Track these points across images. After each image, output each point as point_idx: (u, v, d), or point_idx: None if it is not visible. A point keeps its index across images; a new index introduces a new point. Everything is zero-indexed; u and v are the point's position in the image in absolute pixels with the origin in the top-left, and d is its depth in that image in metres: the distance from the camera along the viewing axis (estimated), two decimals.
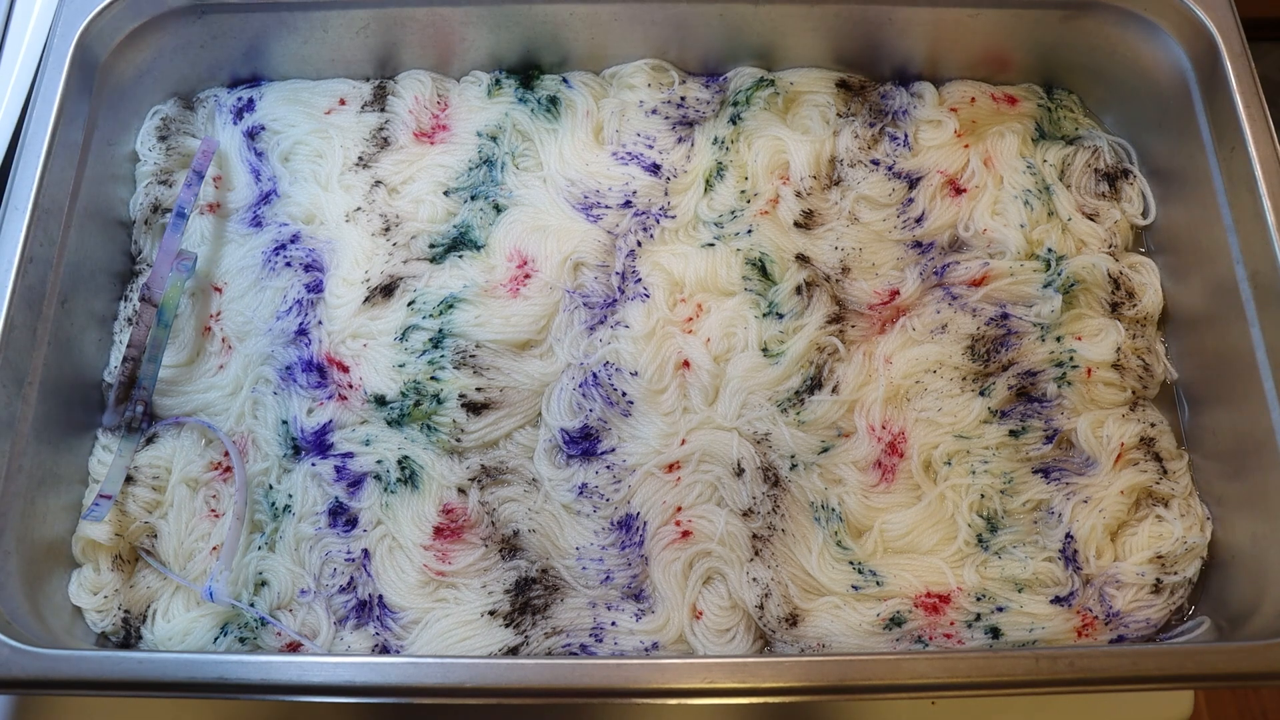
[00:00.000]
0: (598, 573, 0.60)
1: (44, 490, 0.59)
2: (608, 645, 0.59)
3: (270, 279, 0.67)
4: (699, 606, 0.60)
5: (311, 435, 0.63)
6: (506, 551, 0.61)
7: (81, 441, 0.63)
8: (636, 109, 0.72)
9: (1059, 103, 0.74)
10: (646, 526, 0.61)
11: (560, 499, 0.62)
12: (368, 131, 0.72)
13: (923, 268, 0.68)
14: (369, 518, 0.62)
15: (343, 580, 0.60)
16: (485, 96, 0.73)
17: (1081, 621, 0.60)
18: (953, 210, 0.70)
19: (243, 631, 0.59)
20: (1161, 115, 0.69)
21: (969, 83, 0.74)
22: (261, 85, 0.73)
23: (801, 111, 0.73)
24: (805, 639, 0.59)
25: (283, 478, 0.63)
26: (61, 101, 0.63)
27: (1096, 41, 0.70)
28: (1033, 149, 0.72)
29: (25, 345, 0.59)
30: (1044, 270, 0.68)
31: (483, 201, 0.70)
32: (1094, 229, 0.70)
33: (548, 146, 0.71)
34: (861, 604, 0.60)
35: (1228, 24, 0.65)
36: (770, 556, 0.61)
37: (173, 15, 0.68)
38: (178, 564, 0.61)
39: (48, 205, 0.61)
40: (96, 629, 0.60)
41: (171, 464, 0.63)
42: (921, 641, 0.59)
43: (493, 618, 0.59)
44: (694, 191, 0.70)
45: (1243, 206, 0.62)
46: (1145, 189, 0.71)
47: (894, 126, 0.72)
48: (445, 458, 0.63)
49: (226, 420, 0.64)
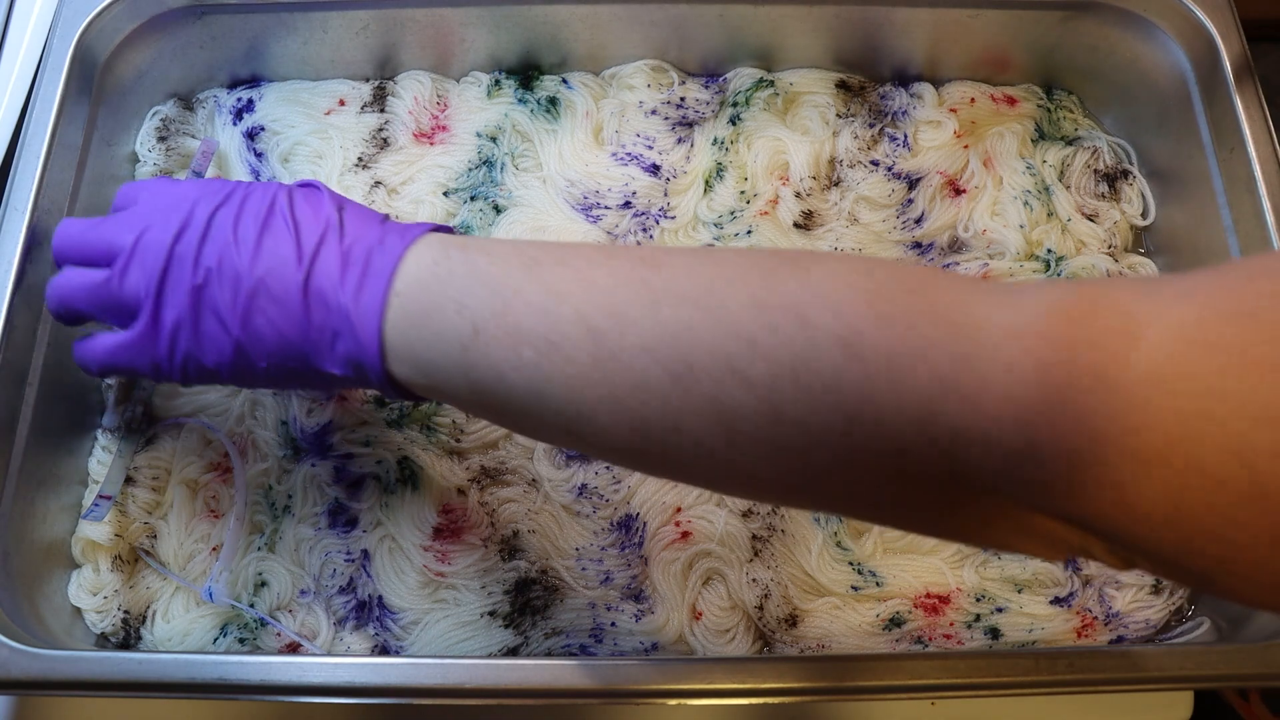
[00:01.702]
0: (597, 573, 0.60)
1: (43, 491, 0.59)
2: (608, 645, 0.59)
3: None
4: (699, 607, 0.60)
5: (311, 436, 0.63)
6: (506, 552, 0.61)
7: (81, 442, 0.63)
8: (636, 110, 0.72)
9: (1058, 103, 0.74)
10: (646, 527, 0.61)
11: (560, 500, 0.62)
12: (367, 132, 0.72)
13: None
14: (369, 518, 0.62)
15: (342, 581, 0.60)
16: (485, 97, 0.73)
17: (1081, 622, 0.60)
18: (952, 211, 0.70)
19: (242, 632, 0.59)
20: (1161, 116, 0.69)
21: (968, 83, 0.74)
22: (261, 86, 0.73)
23: (801, 112, 0.73)
24: (805, 639, 0.59)
25: (282, 478, 0.63)
26: (61, 102, 0.63)
27: (1096, 42, 0.70)
28: (1032, 150, 0.72)
29: (25, 346, 0.59)
30: (1043, 271, 0.68)
31: (482, 202, 0.70)
32: (1093, 229, 0.70)
33: (547, 147, 0.71)
34: (861, 604, 0.60)
35: (1227, 25, 0.65)
36: (770, 557, 0.61)
37: (172, 16, 0.68)
38: (177, 565, 0.61)
39: (47, 206, 0.61)
40: (96, 630, 0.60)
41: (171, 465, 0.63)
42: (921, 642, 0.59)
43: (492, 618, 0.59)
44: (694, 192, 0.70)
45: (1242, 207, 0.62)
46: (1145, 190, 0.71)
47: (893, 127, 0.72)
48: (445, 458, 0.63)
49: (226, 421, 0.64)
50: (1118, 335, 0.27)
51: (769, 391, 0.32)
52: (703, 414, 0.33)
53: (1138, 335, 0.27)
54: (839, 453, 0.32)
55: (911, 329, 0.30)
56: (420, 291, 0.39)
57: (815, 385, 0.31)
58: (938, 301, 0.31)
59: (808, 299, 0.32)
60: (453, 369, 0.39)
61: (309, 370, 0.43)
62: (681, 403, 0.33)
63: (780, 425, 0.32)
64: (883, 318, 0.31)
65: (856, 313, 0.31)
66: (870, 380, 0.30)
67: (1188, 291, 0.28)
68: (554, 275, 0.37)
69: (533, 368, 0.36)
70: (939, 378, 0.29)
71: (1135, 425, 0.26)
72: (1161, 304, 0.28)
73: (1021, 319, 0.29)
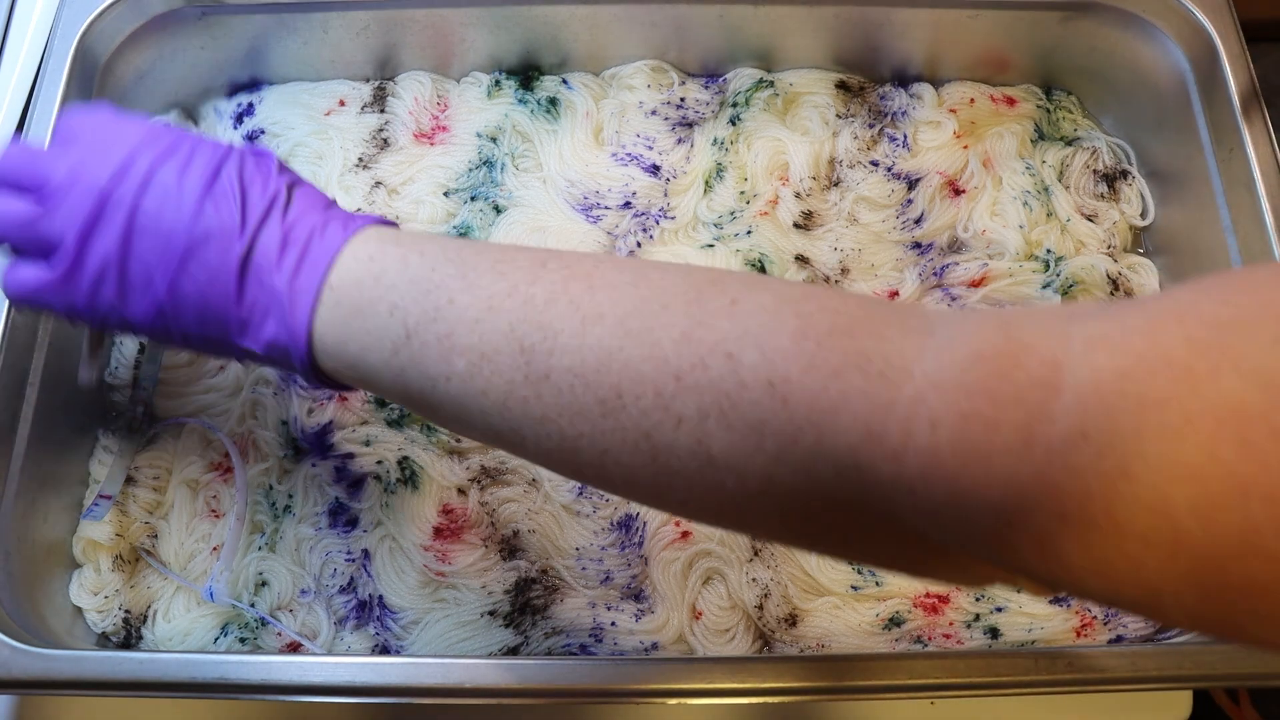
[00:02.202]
0: (597, 573, 0.60)
1: (45, 491, 0.59)
2: (607, 645, 0.59)
3: None
4: (699, 606, 0.60)
5: (312, 436, 0.63)
6: (506, 552, 0.61)
7: (82, 442, 0.63)
8: (636, 110, 0.72)
9: (1058, 104, 0.74)
10: (646, 527, 0.61)
11: (560, 499, 0.62)
12: (367, 133, 0.72)
13: (922, 269, 0.68)
14: (369, 518, 0.62)
15: (343, 581, 0.61)
16: (485, 97, 0.73)
17: (1080, 621, 0.60)
18: (952, 211, 0.70)
19: (243, 632, 0.60)
20: (1160, 117, 0.69)
21: (968, 84, 0.74)
22: (262, 89, 0.73)
23: (801, 112, 0.73)
24: (805, 639, 0.59)
25: (283, 478, 0.63)
26: (62, 103, 0.63)
27: (1095, 43, 0.70)
28: (1031, 150, 0.72)
29: (26, 346, 0.59)
30: (1043, 271, 0.68)
31: (483, 202, 0.70)
32: (1093, 230, 0.70)
33: (547, 147, 0.71)
34: (861, 604, 0.60)
35: (1226, 26, 0.65)
36: (770, 557, 0.61)
37: (173, 17, 0.68)
38: (178, 564, 0.61)
39: None
40: (97, 629, 0.60)
41: (172, 465, 0.63)
42: (921, 641, 0.59)
43: (492, 618, 0.59)
44: (693, 192, 0.70)
45: (1241, 208, 0.62)
46: (1144, 190, 0.71)
47: (893, 127, 0.72)
48: (445, 458, 0.63)
49: (227, 421, 0.64)
50: (1040, 387, 0.27)
51: (697, 429, 0.32)
52: (631, 445, 0.33)
53: (1059, 387, 0.27)
54: (766, 492, 0.32)
55: (836, 376, 0.30)
56: (354, 288, 0.39)
57: (741, 426, 0.31)
58: (865, 345, 0.31)
59: (736, 334, 0.32)
60: (382, 368, 0.38)
61: (227, 343, 0.42)
62: (611, 431, 0.33)
63: (710, 465, 0.32)
64: (809, 362, 0.31)
65: (784, 354, 0.31)
66: (796, 425, 0.30)
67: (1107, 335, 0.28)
68: (489, 286, 0.36)
69: (464, 379, 0.36)
70: (863, 428, 0.29)
71: (1057, 483, 0.26)
72: (1082, 348, 0.27)
73: (945, 369, 0.29)
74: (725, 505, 0.34)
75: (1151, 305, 0.28)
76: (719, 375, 0.32)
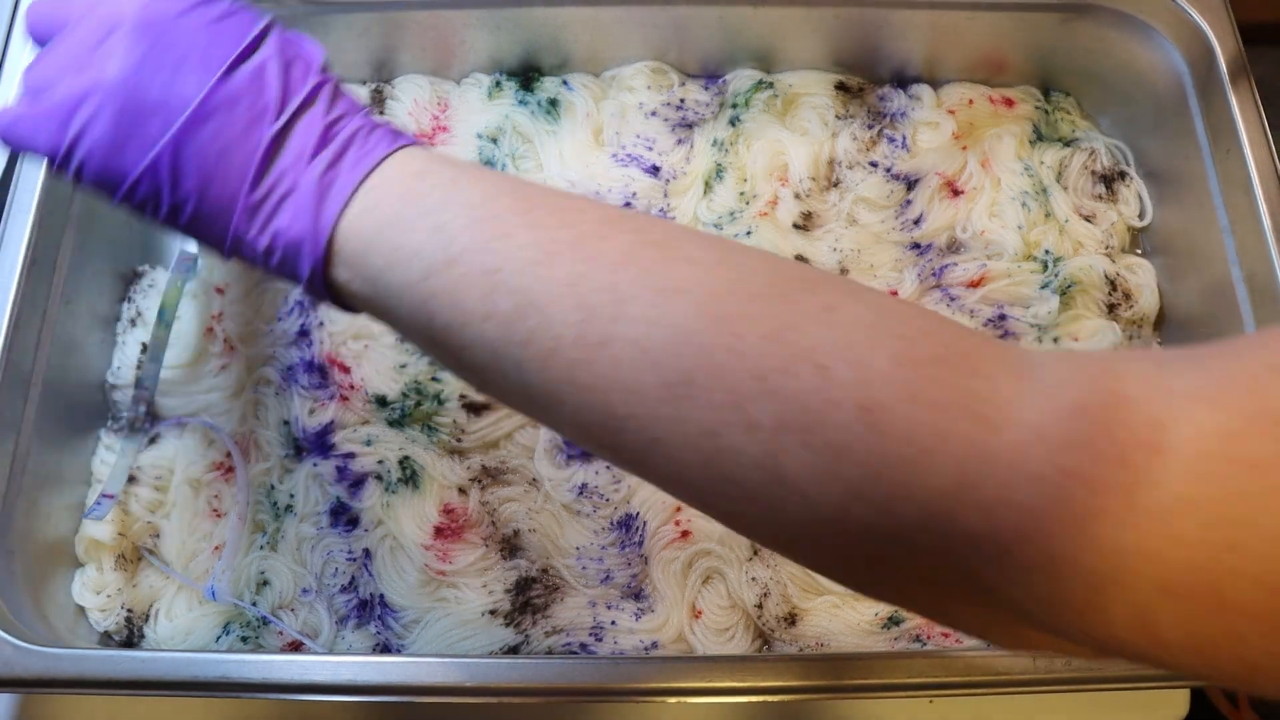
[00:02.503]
0: (597, 572, 0.61)
1: (47, 490, 0.59)
2: (608, 644, 0.59)
3: (272, 280, 0.67)
4: (698, 605, 0.60)
5: (313, 435, 0.63)
6: (507, 551, 0.61)
7: (84, 442, 0.63)
8: (636, 111, 0.72)
9: (1056, 105, 0.74)
10: (646, 526, 0.62)
11: (560, 499, 0.62)
12: None
13: (921, 269, 0.68)
14: (370, 518, 0.62)
15: (344, 580, 0.61)
16: (485, 98, 0.73)
17: None
18: (950, 212, 0.70)
19: (245, 631, 0.60)
20: (1158, 118, 0.70)
21: (966, 85, 0.74)
22: None
23: (800, 113, 0.73)
24: (804, 638, 0.59)
25: (285, 478, 0.63)
26: None
27: (1093, 44, 0.71)
28: (1030, 151, 0.73)
29: (29, 346, 0.59)
30: (1041, 271, 0.68)
31: None
32: (1091, 230, 0.70)
33: (548, 148, 0.71)
34: (860, 603, 0.60)
35: (1224, 28, 0.65)
36: (769, 556, 0.61)
37: None
38: (180, 563, 0.62)
39: (51, 207, 0.61)
40: (99, 628, 0.60)
41: (174, 464, 0.64)
42: (919, 640, 0.60)
43: (493, 617, 0.60)
44: (693, 193, 0.70)
45: (1238, 208, 0.63)
46: (1142, 191, 0.71)
47: (892, 128, 0.73)
48: (446, 458, 0.63)
49: (229, 421, 0.64)
50: (1143, 449, 0.25)
51: (771, 440, 0.28)
52: (690, 441, 0.29)
53: (1163, 449, 0.25)
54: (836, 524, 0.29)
55: (938, 411, 0.27)
56: (395, 198, 0.34)
57: (822, 447, 0.28)
58: (969, 382, 0.28)
59: (829, 345, 0.28)
60: (404, 291, 0.33)
61: (223, 227, 0.36)
62: (669, 420, 0.29)
63: (778, 482, 0.29)
64: (908, 390, 0.27)
65: (883, 377, 0.28)
66: (884, 459, 0.27)
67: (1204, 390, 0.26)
68: (554, 230, 0.32)
69: (503, 324, 0.31)
70: (958, 472, 0.26)
71: (1160, 553, 0.25)
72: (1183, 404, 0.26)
73: (1048, 419, 0.27)
74: (782, 528, 0.30)
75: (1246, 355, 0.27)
76: (808, 387, 0.28)
